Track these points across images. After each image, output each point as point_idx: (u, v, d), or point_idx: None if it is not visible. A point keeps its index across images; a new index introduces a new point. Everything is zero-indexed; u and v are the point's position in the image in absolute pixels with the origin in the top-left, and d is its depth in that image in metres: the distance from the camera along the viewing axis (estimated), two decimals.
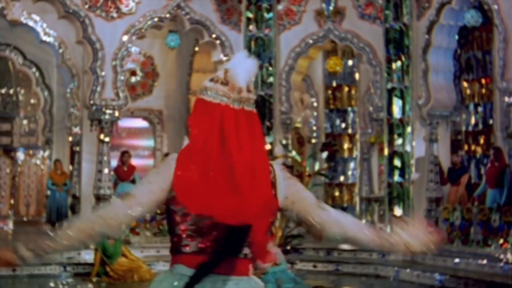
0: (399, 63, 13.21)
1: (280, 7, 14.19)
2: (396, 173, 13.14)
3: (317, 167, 16.58)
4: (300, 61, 14.21)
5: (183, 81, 17.69)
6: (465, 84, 15.34)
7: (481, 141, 15.13)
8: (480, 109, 15.09)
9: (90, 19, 13.38)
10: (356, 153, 17.15)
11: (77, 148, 15.91)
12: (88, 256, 12.09)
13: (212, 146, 2.55)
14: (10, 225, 19.31)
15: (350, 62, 17.10)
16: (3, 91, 20.54)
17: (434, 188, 12.76)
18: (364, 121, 17.51)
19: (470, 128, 15.37)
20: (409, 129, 13.11)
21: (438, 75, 12.88)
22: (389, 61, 13.30)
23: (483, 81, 15.05)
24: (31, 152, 20.49)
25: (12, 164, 20.48)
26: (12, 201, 20.28)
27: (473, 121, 15.28)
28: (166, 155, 14.49)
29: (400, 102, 13.16)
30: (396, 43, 13.24)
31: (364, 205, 17.03)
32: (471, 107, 15.26)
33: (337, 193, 16.92)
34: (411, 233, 2.72)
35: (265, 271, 10.41)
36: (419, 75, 12.96)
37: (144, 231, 13.35)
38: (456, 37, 13.22)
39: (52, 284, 11.02)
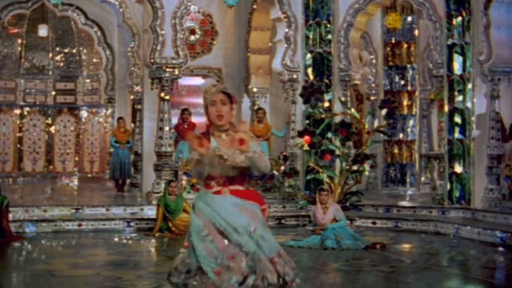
0: (459, 18, 13.00)
1: None
2: (457, 130, 13.01)
3: (376, 124, 16.51)
4: (359, 17, 14.10)
5: (241, 39, 17.73)
6: None
7: None
8: None
9: None
10: (415, 110, 17.04)
11: (139, 106, 16.17)
12: (150, 211, 12.37)
13: None
14: (76, 181, 19.84)
15: (409, 18, 16.90)
16: (66, 50, 20.96)
17: (495, 145, 12.63)
18: (423, 77, 17.35)
19: None
20: (469, 86, 12.94)
21: (500, 30, 12.64)
22: (449, 17, 13.09)
23: None
24: (94, 110, 20.93)
25: (76, 122, 20.97)
26: (76, 158, 20.80)
27: None
28: None
29: (460, 58, 12.97)
30: None
31: (424, 162, 16.97)
32: None
33: (396, 150, 16.89)
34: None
35: (324, 227, 10.54)
36: (480, 30, 12.74)
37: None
38: None
39: (116, 239, 11.32)
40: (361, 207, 12.37)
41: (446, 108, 13.25)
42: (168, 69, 13.41)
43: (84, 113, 21.03)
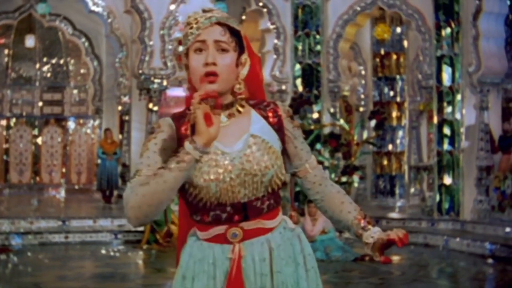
0: (448, 29, 13.00)
1: None
2: (446, 141, 13.00)
3: (365, 135, 16.50)
4: (348, 28, 14.08)
5: None
6: None
7: None
8: None
9: None
10: (404, 121, 17.02)
11: (127, 117, 16.09)
12: None
13: None
14: (63, 193, 19.69)
15: (398, 29, 16.90)
16: (53, 61, 20.84)
17: (485, 156, 12.60)
18: (413, 89, 17.34)
19: None
20: (459, 97, 12.94)
21: (489, 41, 12.64)
22: (438, 28, 13.09)
23: None
24: (81, 121, 20.82)
25: (63, 133, 20.83)
26: (64, 170, 20.65)
27: None
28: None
29: (449, 69, 12.97)
30: (446, 9, 13.02)
31: (413, 173, 16.93)
32: None
33: (385, 162, 16.85)
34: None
35: (313, 239, 10.46)
36: (470, 41, 12.74)
37: None
38: (508, 2, 12.95)
39: (103, 251, 11.22)
40: None
41: (435, 119, 13.23)
42: (156, 80, 13.36)
43: (71, 124, 20.89)
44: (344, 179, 11.62)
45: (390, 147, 16.89)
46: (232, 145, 2.30)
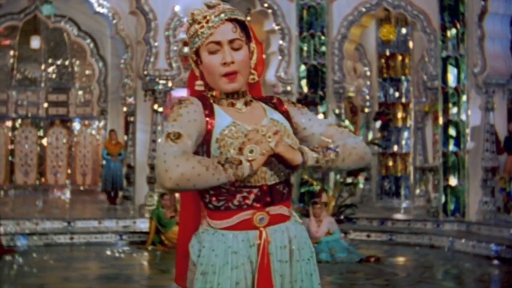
0: (454, 30, 12.98)
1: None
2: (451, 142, 12.97)
3: (370, 136, 16.48)
4: (353, 29, 14.07)
5: None
6: None
7: None
8: None
9: None
10: (410, 122, 16.98)
11: (132, 118, 16.08)
12: (143, 224, 12.28)
13: None
14: (68, 194, 19.71)
15: (403, 30, 16.86)
16: (59, 62, 20.86)
17: (490, 157, 12.57)
18: (418, 90, 17.30)
19: None
20: (464, 98, 12.91)
21: (494, 42, 12.61)
22: (443, 29, 13.07)
23: None
24: (86, 122, 20.84)
25: (68, 134, 20.85)
26: (69, 171, 20.67)
27: None
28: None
29: (455, 70, 12.95)
30: (451, 10, 12.99)
31: (418, 174, 16.91)
32: None
33: (390, 163, 16.82)
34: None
35: (318, 240, 10.45)
36: (475, 42, 12.71)
37: None
38: None
39: (108, 252, 11.22)
40: (355, 220, 12.29)
41: (440, 120, 13.21)
42: (161, 81, 13.36)
43: (76, 125, 20.91)
44: (349, 180, 11.61)
45: (395, 148, 16.85)
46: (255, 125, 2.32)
